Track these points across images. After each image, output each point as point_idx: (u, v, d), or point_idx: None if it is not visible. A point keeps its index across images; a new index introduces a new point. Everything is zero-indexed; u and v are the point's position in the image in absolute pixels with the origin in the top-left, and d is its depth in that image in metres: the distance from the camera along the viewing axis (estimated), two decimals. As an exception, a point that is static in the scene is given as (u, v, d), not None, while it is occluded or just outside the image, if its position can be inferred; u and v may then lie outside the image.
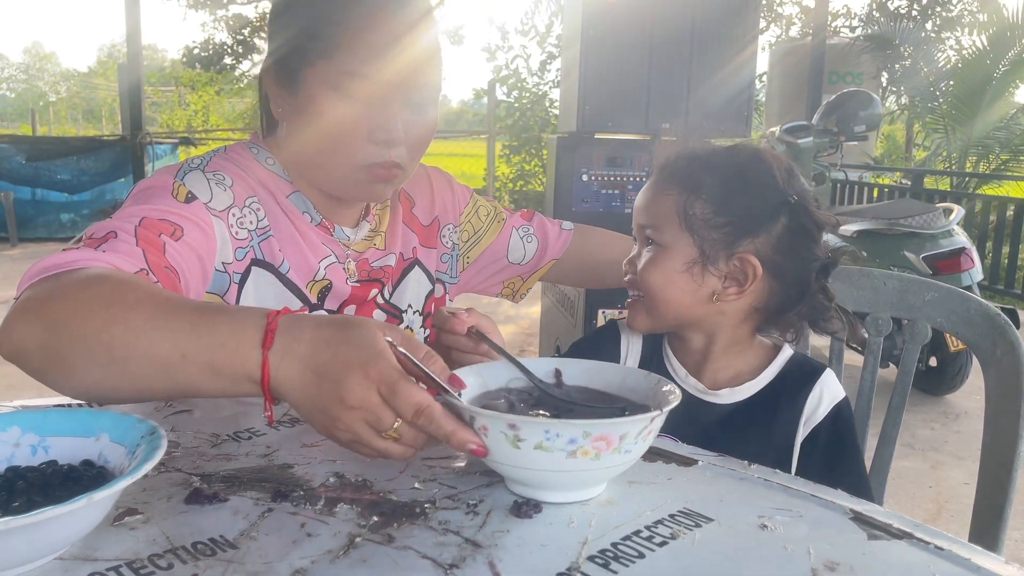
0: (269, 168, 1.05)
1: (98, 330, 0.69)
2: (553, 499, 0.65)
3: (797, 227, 0.97)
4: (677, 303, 0.98)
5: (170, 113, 21.91)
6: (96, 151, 8.39)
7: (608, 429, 0.61)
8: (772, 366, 1.02)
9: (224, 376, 0.68)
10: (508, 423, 0.61)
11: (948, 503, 2.78)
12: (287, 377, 0.66)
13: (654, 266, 0.98)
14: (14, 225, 8.14)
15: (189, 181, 0.95)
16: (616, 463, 0.64)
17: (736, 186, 0.97)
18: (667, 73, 2.81)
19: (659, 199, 0.99)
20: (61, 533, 0.53)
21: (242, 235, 0.98)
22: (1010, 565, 0.56)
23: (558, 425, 0.60)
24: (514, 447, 0.61)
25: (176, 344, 0.68)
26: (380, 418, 0.63)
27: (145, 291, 0.74)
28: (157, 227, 0.87)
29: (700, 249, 0.96)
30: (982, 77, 7.59)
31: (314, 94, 0.97)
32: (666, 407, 0.65)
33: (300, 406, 0.67)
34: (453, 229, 1.24)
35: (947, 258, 3.54)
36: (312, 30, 0.97)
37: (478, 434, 0.63)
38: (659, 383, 0.72)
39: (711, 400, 1.00)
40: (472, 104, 16.68)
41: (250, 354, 0.67)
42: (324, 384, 0.64)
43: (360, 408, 0.63)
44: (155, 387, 0.71)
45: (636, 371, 0.77)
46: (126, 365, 0.69)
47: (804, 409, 0.99)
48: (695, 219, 0.96)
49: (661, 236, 0.98)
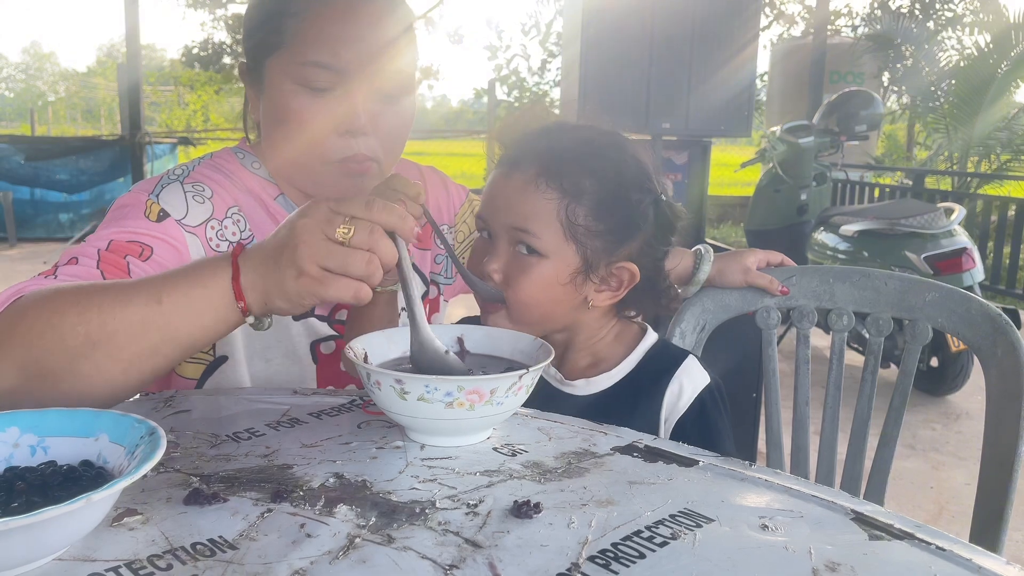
0: (256, 172, 1.05)
1: (73, 325, 0.71)
2: (439, 443, 0.75)
3: (664, 223, 0.95)
4: (550, 312, 0.94)
5: (169, 113, 21.91)
6: (95, 151, 8.39)
7: (479, 384, 0.70)
8: (632, 355, 0.98)
9: (200, 301, 0.72)
10: (395, 378, 0.70)
11: (949, 504, 2.78)
12: (251, 262, 0.72)
13: (531, 279, 0.91)
14: (13, 225, 8.15)
15: (164, 198, 0.96)
16: (490, 413, 0.73)
17: (617, 191, 0.92)
18: (667, 72, 2.81)
19: (535, 200, 0.90)
20: (60, 534, 0.53)
21: (222, 248, 0.98)
22: (1011, 566, 0.56)
23: (436, 380, 0.70)
24: (401, 398, 0.71)
25: (149, 294, 0.72)
26: (331, 221, 0.69)
27: (107, 281, 0.77)
28: (124, 249, 0.89)
29: (583, 259, 0.91)
30: (984, 77, 7.58)
31: (277, 87, 0.96)
32: (533, 366, 0.74)
33: (267, 278, 0.71)
34: (447, 230, 1.23)
35: (948, 258, 3.54)
36: (271, 23, 0.97)
37: (371, 388, 0.73)
38: (542, 347, 0.80)
39: (567, 391, 0.97)
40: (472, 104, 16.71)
41: (219, 263, 0.73)
42: (280, 231, 0.72)
43: (316, 227, 0.69)
44: (141, 352, 0.73)
45: (526, 337, 0.84)
46: (110, 342, 0.71)
47: (663, 404, 0.95)
48: (578, 228, 0.90)
49: (540, 244, 0.90)
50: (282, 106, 0.96)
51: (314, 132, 0.96)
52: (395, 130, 1.00)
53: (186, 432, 0.78)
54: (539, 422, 0.83)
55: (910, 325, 1.21)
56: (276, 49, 0.96)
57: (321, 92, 0.95)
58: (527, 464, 0.72)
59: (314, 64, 0.94)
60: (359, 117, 0.96)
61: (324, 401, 0.88)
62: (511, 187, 0.92)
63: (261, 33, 0.98)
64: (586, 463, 0.72)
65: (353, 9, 0.95)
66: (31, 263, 7.20)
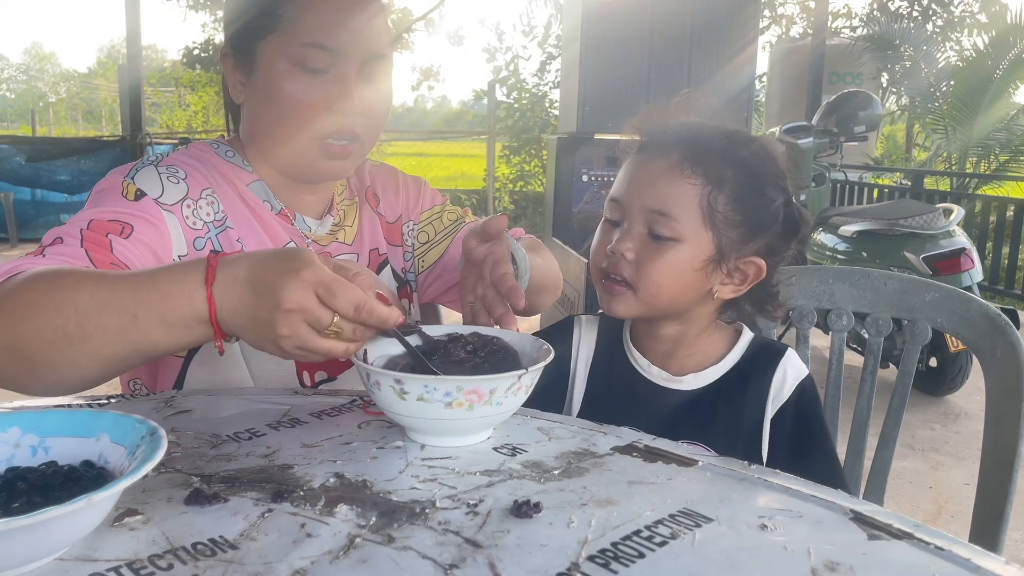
0: (229, 159, 1.07)
1: (50, 319, 0.71)
2: (439, 443, 0.75)
3: (791, 226, 0.97)
4: (677, 298, 0.95)
5: (170, 114, 21.89)
6: (96, 152, 8.40)
7: (478, 384, 0.71)
8: (736, 349, 1.01)
9: (176, 325, 0.72)
10: (395, 379, 0.70)
11: (948, 503, 2.78)
12: (230, 304, 0.70)
13: (666, 261, 0.92)
14: (14, 225, 8.15)
15: (139, 179, 0.98)
16: (489, 413, 0.73)
17: (756, 185, 0.93)
18: (667, 73, 2.82)
19: (679, 184, 0.91)
20: (61, 534, 0.53)
21: (199, 225, 1.00)
22: (1010, 565, 0.56)
23: (435, 381, 0.70)
24: (401, 399, 0.71)
25: (125, 308, 0.71)
26: (319, 318, 0.68)
27: (84, 273, 0.76)
28: (105, 228, 0.90)
29: (717, 247, 0.92)
30: (982, 78, 7.59)
31: (271, 68, 0.99)
32: (532, 367, 0.73)
33: (244, 327, 0.71)
34: (412, 227, 1.24)
35: (947, 258, 3.54)
36: (263, 6, 0.99)
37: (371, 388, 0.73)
38: (541, 347, 0.80)
39: (675, 387, 0.98)
40: (472, 105, 16.73)
41: (195, 294, 0.71)
42: (262, 297, 0.69)
43: (298, 310, 0.67)
44: (117, 356, 0.73)
45: (527, 337, 0.84)
46: (85, 343, 0.72)
47: (770, 388, 0.98)
48: (717, 215, 0.91)
49: (678, 228, 0.91)
50: (277, 87, 0.98)
51: (308, 111, 0.98)
52: (380, 112, 1.05)
53: (187, 432, 0.78)
54: (539, 422, 0.83)
55: (910, 325, 1.21)
56: (271, 32, 0.98)
57: (317, 72, 0.98)
58: (527, 464, 0.72)
59: (313, 45, 0.97)
60: (353, 98, 0.99)
61: (324, 401, 0.88)
62: (654, 170, 0.94)
63: (253, 17, 1.00)
64: (586, 463, 0.73)
65: None
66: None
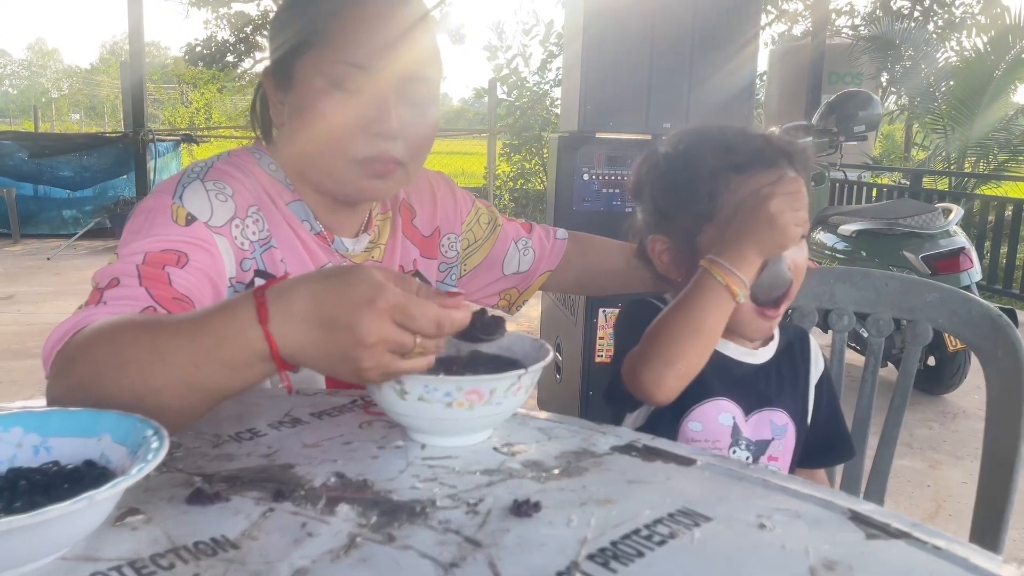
0: (271, 174, 1.05)
1: (116, 380, 0.70)
2: (440, 443, 0.76)
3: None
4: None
5: (172, 110, 21.89)
6: (98, 148, 8.39)
7: (478, 384, 0.70)
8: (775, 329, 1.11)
9: (238, 367, 0.69)
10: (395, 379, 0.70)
11: (946, 502, 2.78)
12: (294, 340, 0.67)
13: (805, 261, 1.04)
14: (16, 221, 8.16)
15: (187, 199, 0.94)
16: (489, 413, 0.73)
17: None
18: (668, 72, 2.81)
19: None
20: (63, 533, 0.53)
21: (246, 246, 0.98)
22: (1008, 564, 0.57)
23: (435, 381, 0.70)
24: (401, 398, 0.71)
25: (187, 358, 0.69)
26: (402, 343, 0.66)
27: (140, 325, 0.74)
28: (160, 260, 0.88)
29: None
30: (981, 78, 7.58)
31: (308, 86, 0.97)
32: (532, 366, 0.74)
33: (317, 362, 0.68)
34: (455, 239, 1.23)
35: (946, 258, 3.54)
36: (306, 26, 0.98)
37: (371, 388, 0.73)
38: (541, 347, 0.80)
39: (748, 361, 1.07)
40: (472, 103, 16.68)
41: (251, 334, 0.68)
42: (336, 333, 0.66)
43: (380, 343, 0.65)
44: (191, 403, 0.72)
45: (526, 337, 0.85)
46: (157, 397, 0.70)
47: (811, 356, 1.11)
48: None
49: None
50: (311, 104, 0.96)
51: (344, 131, 0.96)
52: (423, 139, 1.02)
53: (188, 432, 0.78)
54: (539, 422, 0.83)
55: (910, 325, 1.21)
56: (309, 49, 0.96)
57: (354, 93, 0.95)
58: (527, 463, 0.72)
59: (349, 64, 0.95)
60: (391, 120, 0.96)
61: (325, 401, 0.89)
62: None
63: (293, 34, 0.99)
64: (585, 462, 0.73)
65: (390, 16, 0.97)
66: (34, 259, 7.20)
